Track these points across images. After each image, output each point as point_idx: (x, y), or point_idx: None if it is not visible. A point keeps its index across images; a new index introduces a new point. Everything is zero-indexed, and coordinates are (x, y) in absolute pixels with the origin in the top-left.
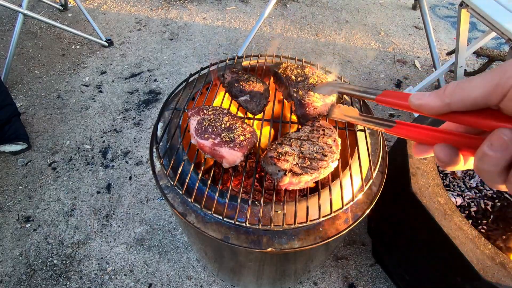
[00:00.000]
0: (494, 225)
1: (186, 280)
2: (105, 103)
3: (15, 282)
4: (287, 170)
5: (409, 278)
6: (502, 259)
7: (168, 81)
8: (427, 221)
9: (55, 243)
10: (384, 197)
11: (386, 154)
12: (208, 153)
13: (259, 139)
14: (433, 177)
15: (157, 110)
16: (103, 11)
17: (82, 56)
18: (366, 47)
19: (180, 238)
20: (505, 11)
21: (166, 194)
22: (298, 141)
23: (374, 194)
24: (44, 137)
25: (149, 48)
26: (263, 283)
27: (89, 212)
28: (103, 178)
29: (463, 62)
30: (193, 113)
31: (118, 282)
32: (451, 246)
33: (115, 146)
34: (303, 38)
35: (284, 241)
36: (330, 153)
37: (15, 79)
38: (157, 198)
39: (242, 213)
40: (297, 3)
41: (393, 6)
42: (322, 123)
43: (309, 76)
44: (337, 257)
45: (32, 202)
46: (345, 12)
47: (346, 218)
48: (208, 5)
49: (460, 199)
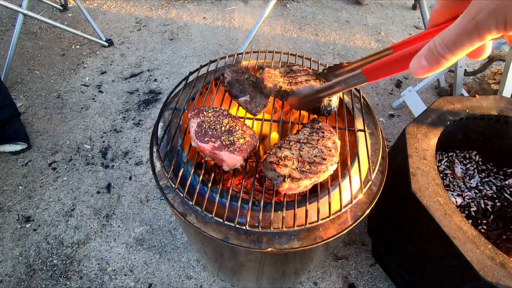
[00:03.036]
0: (494, 225)
1: (186, 280)
2: (105, 103)
3: (15, 282)
4: (286, 176)
5: (409, 278)
6: (502, 259)
7: (168, 81)
8: (427, 221)
9: (55, 243)
10: (384, 197)
11: (386, 154)
12: (208, 156)
13: (259, 139)
14: (433, 177)
15: (157, 110)
16: (103, 11)
17: (82, 56)
18: (366, 47)
19: (180, 238)
20: None
21: (166, 194)
22: (298, 144)
23: (374, 194)
24: (44, 137)
25: (149, 48)
26: (263, 283)
27: (89, 212)
28: (103, 178)
29: (463, 62)
30: (193, 115)
31: (118, 282)
32: (451, 246)
33: (115, 146)
34: (303, 38)
35: (284, 241)
36: (330, 157)
37: (15, 79)
38: (157, 198)
39: (242, 215)
40: (297, 3)
41: (393, 6)
42: (321, 125)
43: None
44: (337, 257)
45: (32, 202)
46: (345, 12)
47: (346, 218)
48: (208, 5)
49: (460, 199)
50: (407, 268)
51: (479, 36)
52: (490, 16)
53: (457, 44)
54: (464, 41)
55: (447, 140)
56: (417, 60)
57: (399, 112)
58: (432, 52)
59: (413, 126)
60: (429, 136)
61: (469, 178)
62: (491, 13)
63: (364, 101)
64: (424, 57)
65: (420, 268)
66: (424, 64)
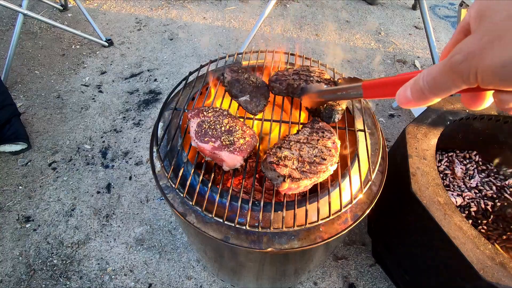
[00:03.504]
0: (494, 225)
1: (186, 280)
2: (105, 103)
3: (15, 282)
4: (286, 176)
5: (409, 278)
6: (502, 259)
7: (168, 81)
8: (427, 221)
9: (55, 243)
10: (384, 197)
11: (386, 154)
12: (208, 156)
13: (259, 139)
14: (433, 177)
15: (157, 110)
16: (103, 11)
17: (82, 56)
18: (366, 47)
19: (180, 238)
20: None
21: (166, 194)
22: (298, 144)
23: (374, 194)
24: (44, 137)
25: (149, 48)
26: (263, 283)
27: (89, 212)
28: (103, 178)
29: None
30: (193, 115)
31: (118, 282)
32: (451, 246)
33: (115, 146)
34: (303, 38)
35: (284, 241)
36: (329, 157)
37: (15, 79)
38: (157, 198)
39: (242, 215)
40: (297, 3)
41: (393, 6)
42: (321, 125)
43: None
44: (337, 257)
45: (32, 202)
46: (345, 12)
47: (346, 218)
48: (208, 5)
49: (460, 199)
50: (407, 268)
51: (453, 81)
52: (465, 60)
53: (437, 83)
54: (443, 81)
55: (447, 140)
56: (403, 89)
57: (399, 112)
58: (416, 85)
59: (413, 126)
60: (429, 136)
61: (469, 178)
62: (466, 57)
63: (364, 101)
64: (410, 88)
65: (420, 268)
66: (408, 96)
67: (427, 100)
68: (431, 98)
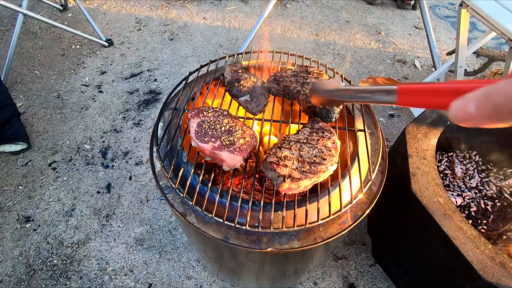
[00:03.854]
0: (494, 225)
1: (186, 280)
2: (105, 103)
3: (15, 282)
4: (286, 176)
5: (409, 278)
6: (502, 259)
7: (168, 81)
8: (427, 221)
9: (55, 243)
10: (384, 197)
11: (386, 154)
12: (208, 156)
13: (259, 139)
14: (433, 177)
15: (157, 110)
16: (103, 11)
17: (82, 56)
18: (366, 47)
19: (180, 238)
20: (505, 11)
21: (166, 194)
22: (298, 144)
23: (374, 194)
24: (44, 137)
25: (149, 48)
26: (263, 283)
27: (89, 212)
28: (103, 178)
29: (463, 62)
30: (193, 115)
31: (118, 282)
32: (451, 246)
33: (115, 146)
34: (303, 38)
35: (284, 241)
36: (329, 157)
37: (15, 79)
38: (157, 198)
39: (242, 215)
40: (297, 3)
41: (393, 6)
42: (321, 125)
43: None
44: (337, 257)
45: (32, 202)
46: (345, 12)
47: (346, 218)
48: (208, 5)
49: (460, 199)
50: (407, 268)
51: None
52: None
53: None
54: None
55: (447, 140)
56: (463, 102)
57: (399, 112)
58: (489, 100)
59: (413, 126)
60: (429, 136)
61: (469, 178)
62: None
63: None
64: (476, 103)
65: (420, 268)
66: (471, 111)
67: (501, 121)
68: (508, 119)
